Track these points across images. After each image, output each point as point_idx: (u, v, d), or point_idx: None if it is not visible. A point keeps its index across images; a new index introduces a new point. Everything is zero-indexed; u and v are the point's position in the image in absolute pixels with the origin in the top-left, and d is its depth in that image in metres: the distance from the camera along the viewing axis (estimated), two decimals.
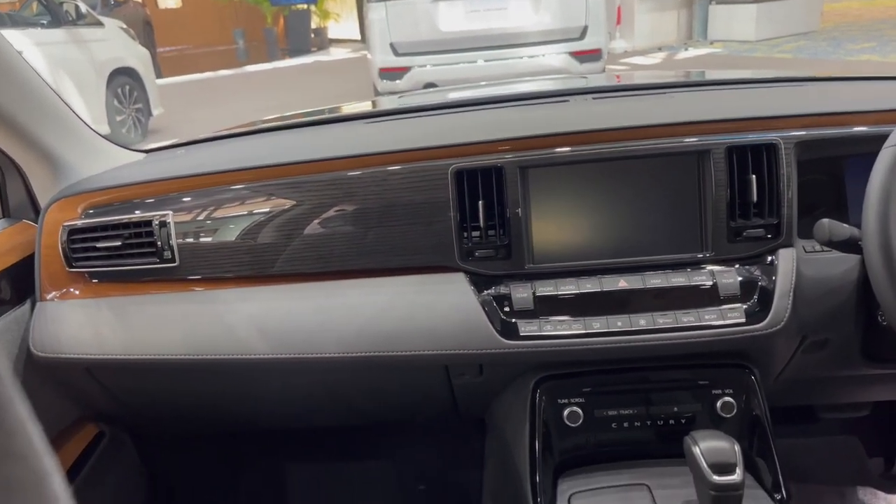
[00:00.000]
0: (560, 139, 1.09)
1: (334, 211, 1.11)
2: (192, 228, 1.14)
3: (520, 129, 1.12)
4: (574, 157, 1.08)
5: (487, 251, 1.09)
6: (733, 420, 1.11)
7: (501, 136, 1.11)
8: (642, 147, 1.07)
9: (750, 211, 1.06)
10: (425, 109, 1.37)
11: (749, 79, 1.52)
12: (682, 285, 1.06)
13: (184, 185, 1.16)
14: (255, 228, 1.13)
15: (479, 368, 1.17)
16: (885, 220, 0.89)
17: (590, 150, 1.07)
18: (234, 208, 1.14)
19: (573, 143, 1.09)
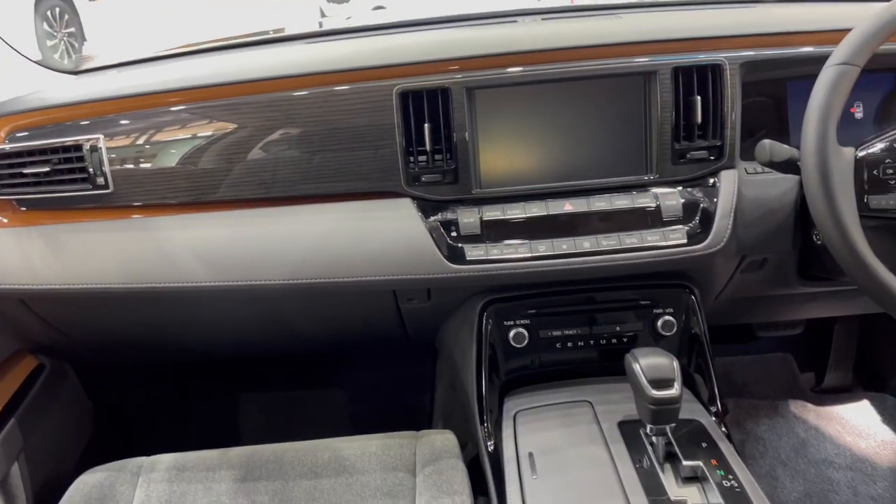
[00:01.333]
0: (508, 59, 1.07)
1: (276, 134, 1.07)
2: (126, 153, 1.09)
3: (467, 48, 1.09)
4: (522, 78, 1.06)
5: (434, 176, 1.07)
6: (673, 338, 1.14)
7: (448, 56, 1.08)
8: (590, 67, 1.06)
9: (694, 133, 1.07)
10: (370, 29, 1.33)
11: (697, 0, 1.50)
12: (626, 208, 1.07)
13: (116, 106, 1.11)
14: (194, 153, 1.08)
15: (427, 293, 1.17)
16: (823, 140, 0.91)
17: (538, 71, 1.05)
18: (171, 131, 1.09)
19: (521, 63, 1.06)
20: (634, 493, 0.89)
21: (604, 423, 1.04)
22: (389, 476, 1.10)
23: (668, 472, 0.94)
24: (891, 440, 1.71)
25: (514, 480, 0.96)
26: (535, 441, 1.03)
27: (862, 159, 0.95)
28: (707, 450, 0.97)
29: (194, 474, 1.11)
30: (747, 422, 1.76)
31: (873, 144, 0.96)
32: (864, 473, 1.61)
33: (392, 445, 1.15)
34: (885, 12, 0.91)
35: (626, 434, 1.01)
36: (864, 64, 0.92)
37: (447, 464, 1.11)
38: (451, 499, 1.04)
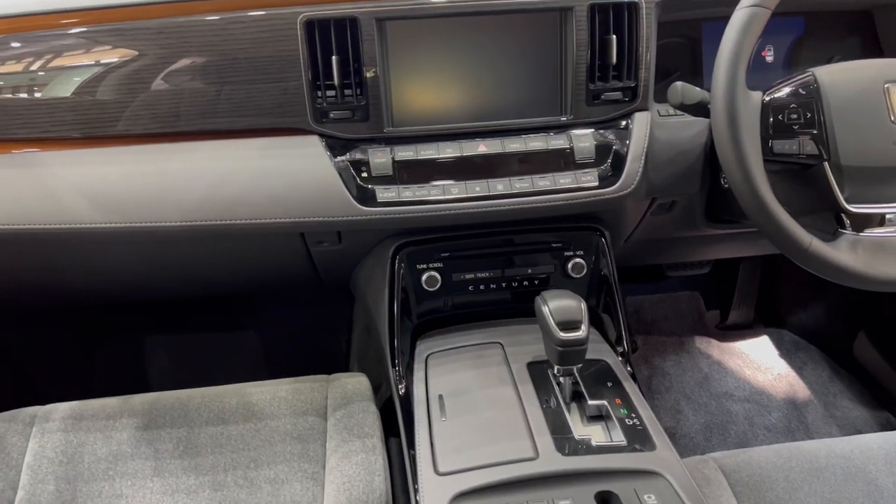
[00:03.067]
0: None
1: (170, 64, 0.99)
2: (4, 80, 0.99)
3: None
4: (435, 10, 1.01)
5: (343, 113, 1.02)
6: (583, 279, 1.15)
7: None
8: (505, 2, 1.02)
9: (609, 73, 1.05)
10: None
11: None
12: (539, 150, 1.05)
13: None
14: (80, 83, 1.00)
15: (338, 236, 1.14)
16: (733, 83, 0.91)
17: (452, 3, 1.01)
18: (52, 59, 0.99)
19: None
20: (540, 433, 0.90)
21: (513, 365, 1.05)
22: (300, 420, 1.08)
23: (574, 411, 0.96)
24: (786, 373, 1.81)
25: (423, 422, 0.96)
26: (446, 383, 1.03)
27: (768, 104, 0.96)
28: (612, 389, 0.99)
29: (93, 423, 1.07)
30: (655, 358, 1.83)
31: (780, 89, 0.97)
32: (761, 405, 1.71)
33: (302, 390, 1.13)
34: None
35: (534, 375, 1.02)
36: (776, 6, 0.91)
37: (359, 407, 1.10)
38: (362, 441, 1.03)
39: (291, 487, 0.98)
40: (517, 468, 0.84)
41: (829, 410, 1.69)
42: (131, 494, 0.98)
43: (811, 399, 1.72)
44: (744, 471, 0.97)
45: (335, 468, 1.00)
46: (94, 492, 0.98)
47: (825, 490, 0.95)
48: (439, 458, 0.88)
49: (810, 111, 0.94)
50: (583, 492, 0.82)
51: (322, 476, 1.00)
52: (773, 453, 1.00)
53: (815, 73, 0.95)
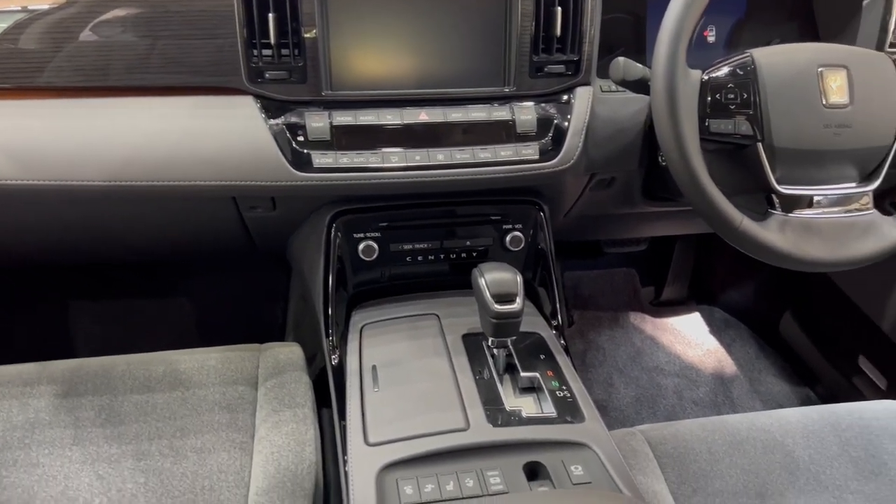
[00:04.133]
0: None
1: (97, 14, 0.94)
2: None
3: None
4: None
5: (280, 73, 0.98)
6: (521, 253, 1.15)
7: None
8: None
9: (553, 46, 1.04)
10: None
11: None
12: (481, 120, 1.04)
13: None
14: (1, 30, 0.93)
15: (272, 202, 1.10)
16: (673, 61, 0.91)
17: None
18: None
19: None
20: (472, 404, 0.91)
21: (448, 336, 1.05)
22: (229, 389, 1.05)
23: (506, 382, 0.96)
24: (715, 349, 1.87)
25: (355, 393, 0.95)
26: (380, 354, 1.02)
27: (707, 82, 0.96)
28: (545, 361, 1.00)
29: (9, 390, 1.02)
30: (590, 332, 1.86)
31: (719, 68, 0.98)
32: (689, 379, 1.76)
33: (233, 358, 1.11)
34: None
35: (469, 347, 1.02)
36: None
37: (291, 377, 1.08)
38: (293, 411, 1.02)
39: (218, 457, 0.96)
40: (447, 439, 0.84)
41: (754, 386, 1.76)
42: (48, 463, 0.94)
43: (737, 375, 1.78)
44: (669, 443, 1.00)
45: (264, 438, 0.98)
46: (8, 460, 0.94)
47: (745, 462, 0.98)
48: (370, 428, 0.88)
49: (747, 92, 0.95)
50: (511, 462, 0.82)
51: (251, 446, 0.98)
52: (697, 426, 1.03)
53: (753, 54, 0.97)
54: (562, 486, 0.80)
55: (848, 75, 0.96)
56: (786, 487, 0.95)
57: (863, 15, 1.20)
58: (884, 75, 0.98)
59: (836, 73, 0.96)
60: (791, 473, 0.97)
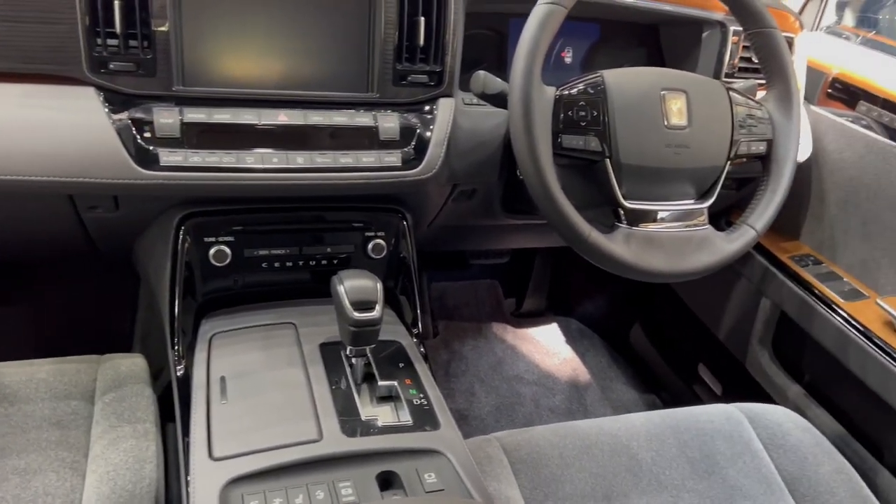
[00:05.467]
0: None
1: None
2: None
3: None
4: None
5: (126, 65, 0.92)
6: (382, 261, 1.15)
7: None
8: None
9: (416, 55, 1.04)
10: None
11: None
12: (343, 125, 1.02)
13: None
14: None
15: (115, 201, 1.03)
16: (529, 76, 0.94)
17: None
18: None
19: None
20: (327, 414, 0.88)
21: (305, 346, 1.02)
22: (61, 404, 0.97)
23: (364, 392, 0.95)
24: (571, 358, 1.95)
25: (200, 406, 0.90)
26: (230, 364, 0.97)
27: (560, 99, 1.00)
28: (403, 370, 0.99)
29: None
30: (454, 342, 1.88)
31: (573, 86, 1.02)
32: (547, 388, 1.82)
33: (67, 371, 1.02)
34: None
35: (326, 356, 1.00)
36: (571, 6, 0.96)
37: (132, 390, 1.01)
38: (133, 427, 0.95)
39: (45, 478, 0.87)
40: (298, 451, 0.81)
41: (605, 394, 1.84)
42: None
43: (591, 383, 1.86)
44: (523, 449, 1.02)
45: (99, 456, 0.90)
46: None
47: (593, 465, 1.02)
48: (215, 442, 0.83)
49: (597, 110, 1.00)
50: (365, 473, 0.81)
51: (83, 465, 0.90)
52: (550, 432, 1.06)
53: (604, 74, 1.02)
54: (414, 494, 0.79)
55: (687, 99, 1.03)
56: (630, 489, 1.00)
57: (702, 46, 1.30)
58: (718, 101, 1.07)
59: (676, 96, 1.03)
60: (635, 475, 1.01)
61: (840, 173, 1.36)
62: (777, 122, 1.10)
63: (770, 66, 1.10)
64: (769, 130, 1.09)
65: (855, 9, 1.49)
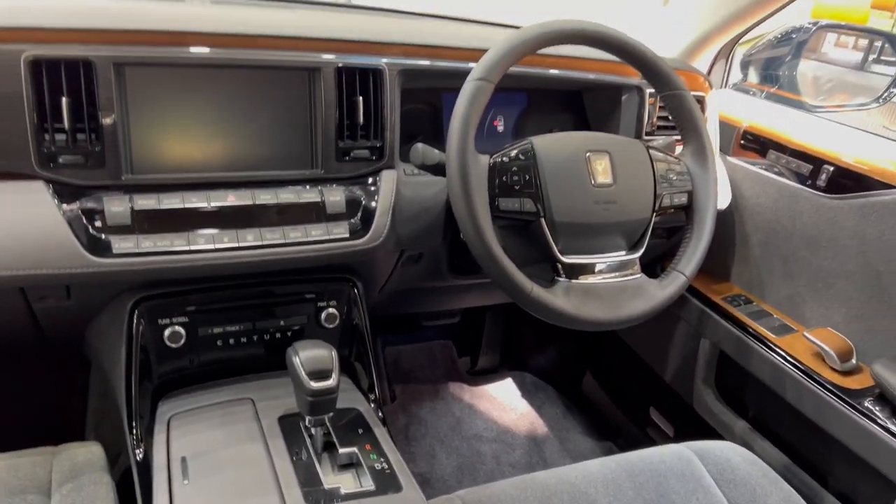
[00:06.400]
0: (166, 37, 0.99)
1: None
2: None
3: (118, 20, 0.99)
4: (180, 60, 0.99)
5: (75, 158, 0.95)
6: (336, 330, 1.18)
7: (95, 26, 0.97)
8: (256, 58, 1.03)
9: (357, 132, 1.10)
10: None
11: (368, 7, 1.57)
12: (291, 202, 1.07)
13: None
14: None
15: (67, 291, 1.04)
16: (463, 147, 1.01)
17: (199, 55, 1.00)
18: None
19: (181, 43, 1.00)
20: (289, 487, 0.89)
21: (264, 420, 1.03)
22: (16, 500, 0.95)
23: (325, 461, 0.96)
24: (527, 412, 1.98)
25: (162, 489, 0.90)
26: (190, 445, 0.98)
27: (494, 166, 1.07)
28: (363, 436, 1.01)
29: None
30: (412, 405, 1.90)
31: (506, 154, 1.09)
32: (506, 444, 1.84)
33: (22, 465, 1.00)
34: (514, 37, 1.04)
35: (285, 428, 1.01)
36: (498, 81, 1.03)
37: (90, 478, 1.00)
38: None
39: None
40: None
41: (564, 444, 1.87)
42: None
43: (548, 435, 1.90)
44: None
45: None
46: None
47: None
48: None
49: (528, 174, 1.07)
50: None
51: None
52: (510, 486, 1.08)
53: (533, 141, 1.09)
54: None
55: (611, 159, 1.11)
56: None
57: (622, 108, 1.40)
58: (640, 159, 1.15)
59: (600, 157, 1.11)
60: None
61: (759, 217, 1.46)
62: (695, 174, 1.19)
63: (684, 124, 1.19)
64: (689, 182, 1.18)
65: (757, 67, 1.62)
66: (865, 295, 1.26)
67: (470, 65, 1.07)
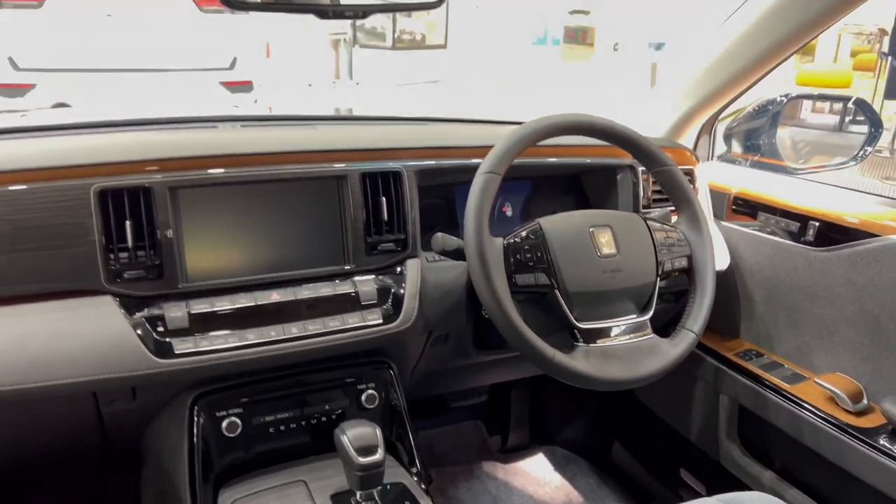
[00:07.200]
0: (210, 161, 1.14)
1: None
2: None
3: (169, 150, 1.14)
4: (224, 179, 1.14)
5: (137, 272, 1.08)
6: (376, 410, 1.26)
7: (150, 157, 1.12)
8: (288, 171, 1.18)
9: (382, 228, 1.24)
10: (64, 128, 1.30)
11: (380, 117, 1.74)
12: (328, 295, 1.18)
13: None
14: None
15: (133, 393, 1.14)
16: (479, 233, 1.13)
17: (239, 173, 1.14)
18: None
19: (223, 165, 1.15)
20: None
21: (318, 499, 1.10)
22: None
23: None
24: (561, 485, 2.02)
25: None
26: None
27: (508, 246, 1.19)
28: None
29: None
30: (449, 488, 1.94)
31: (517, 234, 1.22)
32: None
33: None
34: (516, 133, 1.19)
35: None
36: (504, 172, 1.17)
37: None
38: None
39: None
40: None
41: None
42: None
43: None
44: None
45: None
46: None
47: None
48: None
49: (539, 251, 1.19)
50: None
51: None
52: None
53: (540, 222, 1.22)
54: None
55: (612, 232, 1.24)
56: None
57: (618, 186, 1.54)
58: (639, 230, 1.27)
59: (603, 231, 1.23)
60: None
61: (759, 274, 1.56)
62: (691, 239, 1.30)
63: (675, 195, 1.32)
64: (687, 248, 1.30)
65: (739, 139, 1.76)
66: (867, 338, 1.35)
67: (476, 161, 1.21)
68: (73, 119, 1.52)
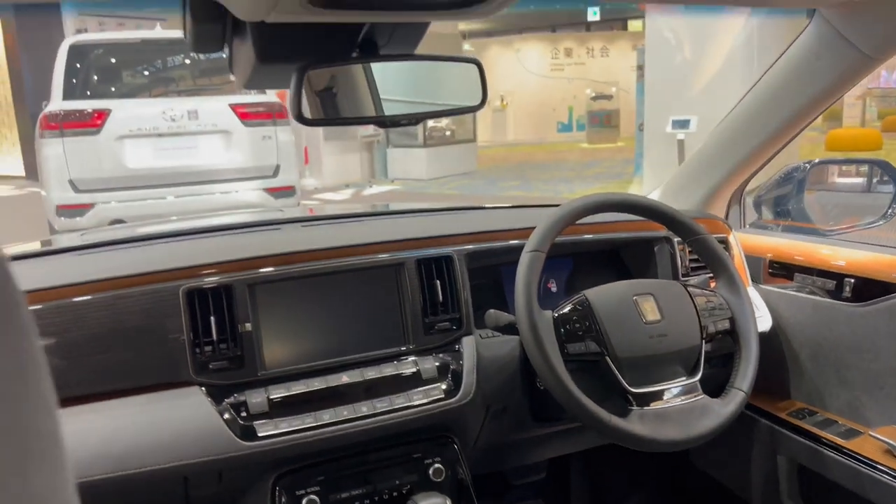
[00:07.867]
0: (281, 259, 1.27)
1: (61, 338, 1.12)
2: None
3: (244, 251, 1.27)
4: (295, 274, 1.26)
5: (221, 363, 1.19)
6: (443, 483, 1.32)
7: (229, 258, 1.25)
8: (350, 263, 1.30)
9: (438, 309, 1.34)
10: (147, 238, 1.45)
11: (427, 208, 1.88)
12: (392, 374, 1.27)
13: None
14: None
15: (219, 476, 1.23)
16: (530, 307, 1.22)
17: (307, 268, 1.27)
18: None
19: (293, 262, 1.27)
20: None
21: None
22: None
23: None
24: None
25: None
26: None
27: (558, 318, 1.28)
28: None
29: None
30: None
31: (565, 307, 1.30)
32: None
33: None
34: (555, 213, 1.29)
35: None
36: (548, 250, 1.27)
37: None
38: None
39: None
40: None
41: None
42: None
43: None
44: None
45: None
46: None
47: None
48: None
49: (588, 321, 1.27)
50: None
51: None
52: None
53: (586, 294, 1.30)
54: None
55: (655, 299, 1.31)
56: None
57: (657, 257, 1.62)
58: (681, 297, 1.35)
59: (646, 299, 1.31)
60: None
61: (802, 334, 1.61)
62: (731, 302, 1.37)
63: (711, 262, 1.40)
64: (728, 311, 1.36)
65: (769, 206, 1.85)
66: None
67: (519, 242, 1.31)
68: (150, 231, 1.68)
